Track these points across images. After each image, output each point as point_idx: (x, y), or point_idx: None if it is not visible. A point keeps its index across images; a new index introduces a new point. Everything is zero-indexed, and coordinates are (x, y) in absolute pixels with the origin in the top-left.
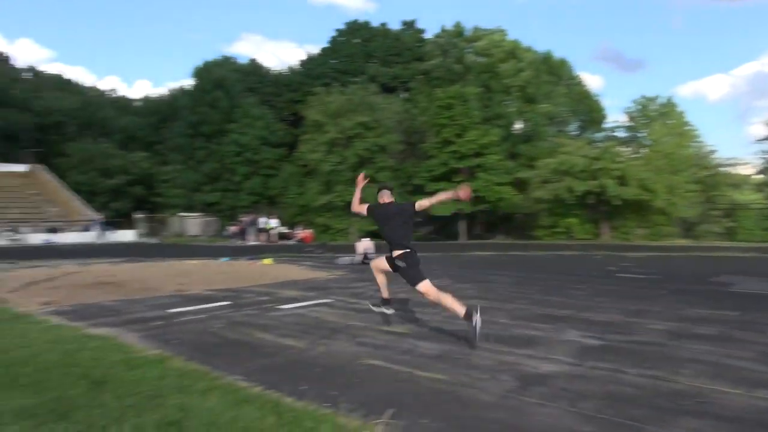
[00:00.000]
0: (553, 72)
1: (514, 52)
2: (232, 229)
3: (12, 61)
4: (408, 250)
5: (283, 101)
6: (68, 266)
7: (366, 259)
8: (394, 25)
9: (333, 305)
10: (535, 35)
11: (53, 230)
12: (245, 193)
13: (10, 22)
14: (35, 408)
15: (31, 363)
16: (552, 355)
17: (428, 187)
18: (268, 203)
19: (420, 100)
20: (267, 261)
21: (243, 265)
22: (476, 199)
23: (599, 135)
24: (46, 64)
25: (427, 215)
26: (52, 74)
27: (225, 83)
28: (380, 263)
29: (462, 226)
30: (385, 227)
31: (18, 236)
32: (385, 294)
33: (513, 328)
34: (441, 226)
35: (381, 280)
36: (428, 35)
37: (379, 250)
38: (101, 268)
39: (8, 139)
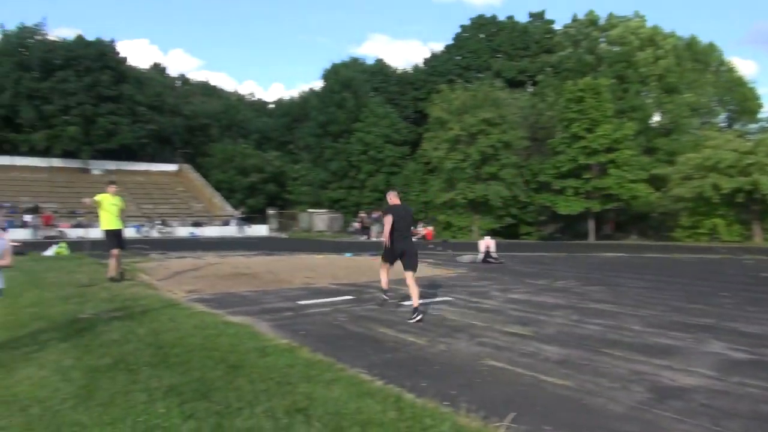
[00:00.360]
0: (699, 59)
1: (652, 38)
2: (356, 225)
3: (166, 71)
4: (412, 241)
5: (407, 99)
6: (210, 257)
7: (488, 257)
8: (521, 18)
9: (453, 303)
10: (678, 20)
11: (197, 224)
12: (369, 190)
13: (165, 36)
14: (181, 386)
15: (178, 345)
16: (692, 367)
17: (555, 185)
18: None
19: (547, 94)
20: None
21: (366, 260)
22: (607, 197)
23: (753, 126)
24: (194, 72)
25: (552, 213)
26: (200, 81)
27: (352, 84)
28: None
29: (590, 226)
30: (400, 222)
31: (167, 229)
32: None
33: (647, 336)
34: (567, 224)
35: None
36: (557, 26)
37: (499, 249)
38: (238, 260)
39: (162, 141)
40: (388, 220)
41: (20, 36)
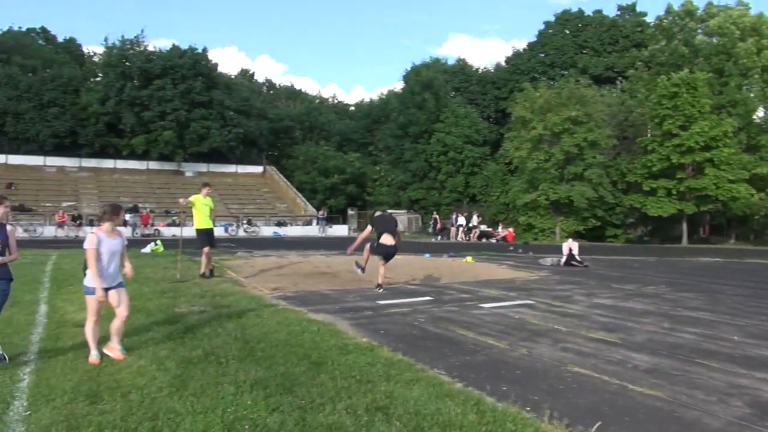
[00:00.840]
0: None
1: (756, 28)
2: (435, 225)
3: (254, 77)
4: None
5: (489, 99)
6: (292, 256)
7: (572, 260)
8: (610, 12)
9: (535, 307)
10: None
11: (281, 224)
12: (448, 191)
13: (252, 43)
14: (266, 380)
15: (264, 340)
16: None
17: (645, 185)
18: (470, 201)
19: (638, 90)
20: (467, 259)
21: (444, 261)
22: (703, 198)
23: None
24: (279, 76)
25: (641, 215)
26: (284, 85)
27: (433, 84)
28: (371, 255)
29: (683, 228)
30: (388, 227)
31: (253, 228)
32: (363, 263)
33: (747, 347)
34: (657, 227)
35: (374, 262)
36: (650, 19)
37: (583, 252)
38: (319, 259)
39: (249, 144)
40: (368, 229)
41: (123, 48)
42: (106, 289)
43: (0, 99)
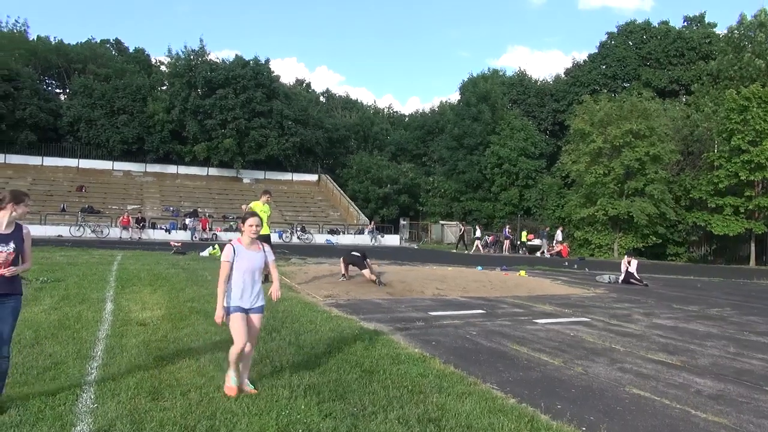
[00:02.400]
0: None
1: None
2: (488, 238)
3: (311, 87)
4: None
5: (546, 111)
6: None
7: (631, 278)
8: (676, 23)
9: (591, 325)
10: None
11: (333, 232)
12: (502, 203)
13: (312, 54)
14: (319, 386)
15: (317, 347)
16: None
17: (711, 202)
18: (524, 214)
19: (704, 104)
20: (521, 273)
21: (497, 275)
22: None
23: None
24: (336, 87)
25: (705, 234)
26: (341, 96)
27: (490, 96)
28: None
29: (751, 249)
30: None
31: (306, 236)
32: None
33: None
34: (722, 246)
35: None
36: (720, 30)
37: (642, 270)
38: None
39: (305, 153)
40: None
41: (188, 59)
42: (244, 311)
43: (75, 106)
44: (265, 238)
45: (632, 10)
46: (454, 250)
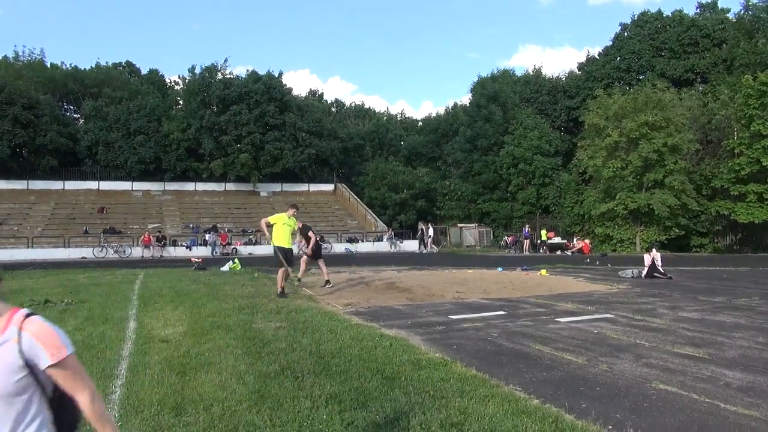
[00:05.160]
0: None
1: None
2: (508, 239)
3: (323, 97)
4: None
5: (560, 108)
6: (363, 272)
7: (654, 272)
8: (688, 11)
9: (615, 321)
10: None
11: (352, 240)
12: (520, 203)
13: (324, 65)
14: (341, 395)
15: (338, 355)
16: None
17: (733, 190)
18: (543, 213)
19: (721, 92)
20: (542, 272)
21: (518, 275)
22: None
23: None
24: (349, 96)
25: (730, 223)
26: (354, 105)
27: (500, 96)
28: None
29: None
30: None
31: (325, 245)
32: (300, 273)
33: None
34: (748, 235)
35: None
36: (731, 15)
37: (666, 263)
38: (390, 275)
39: (320, 163)
40: (312, 235)
41: (204, 77)
42: None
43: (93, 129)
44: (286, 251)
45: (642, 2)
46: (421, 251)
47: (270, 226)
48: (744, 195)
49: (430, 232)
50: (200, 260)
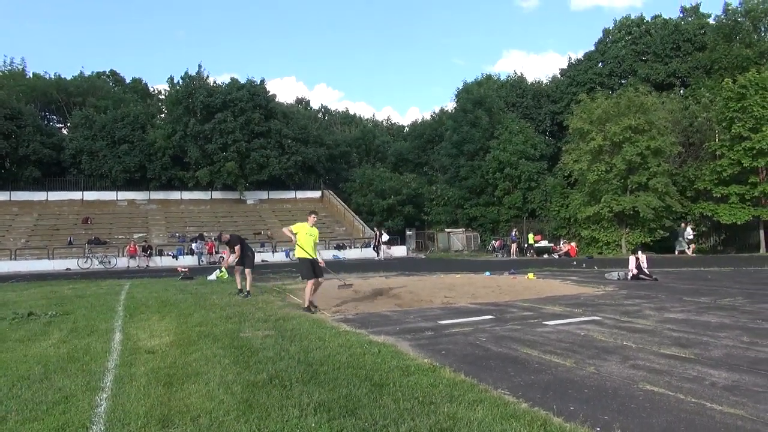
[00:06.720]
0: None
1: None
2: (495, 243)
3: (310, 104)
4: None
5: (544, 113)
6: (352, 279)
7: (640, 273)
8: (669, 15)
9: (602, 323)
10: None
11: (340, 247)
12: (506, 207)
13: (310, 72)
14: (330, 403)
15: (326, 363)
16: None
17: (716, 192)
18: (529, 217)
19: (701, 95)
20: (529, 276)
21: (506, 279)
22: None
23: None
24: (336, 103)
25: (713, 224)
26: (340, 111)
27: (485, 102)
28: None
29: (761, 236)
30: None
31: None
32: (248, 285)
33: None
34: (730, 236)
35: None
36: (712, 20)
37: (652, 264)
38: (378, 281)
39: (307, 170)
40: (239, 248)
41: (187, 85)
42: None
43: (77, 139)
44: (313, 262)
45: (623, 8)
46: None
47: (294, 234)
48: (726, 196)
49: (384, 237)
50: (187, 270)
